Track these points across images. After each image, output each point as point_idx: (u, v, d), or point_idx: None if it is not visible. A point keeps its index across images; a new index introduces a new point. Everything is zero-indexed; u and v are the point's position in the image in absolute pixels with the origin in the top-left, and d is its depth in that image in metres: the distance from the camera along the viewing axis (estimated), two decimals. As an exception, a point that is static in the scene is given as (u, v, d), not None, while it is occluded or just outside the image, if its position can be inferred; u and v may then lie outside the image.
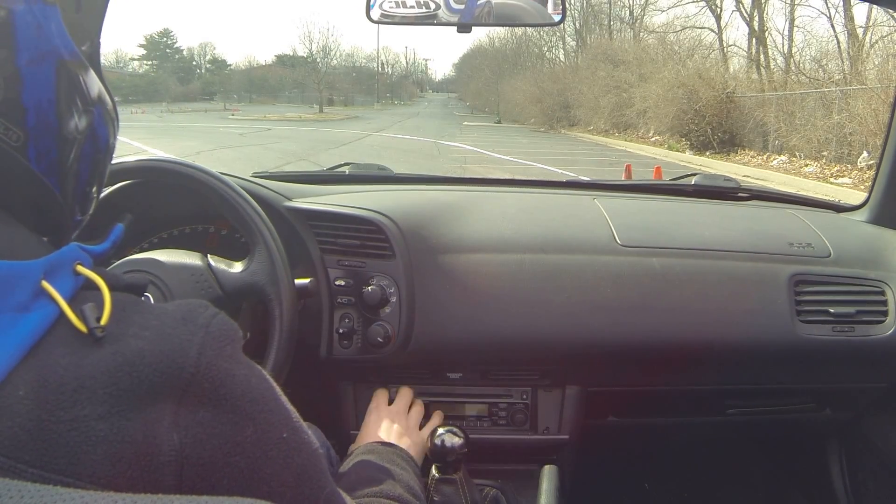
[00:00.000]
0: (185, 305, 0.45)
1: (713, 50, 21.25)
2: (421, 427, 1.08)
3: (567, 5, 1.19)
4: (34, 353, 0.38)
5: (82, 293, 0.42)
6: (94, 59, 0.52)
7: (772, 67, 17.73)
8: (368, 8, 1.16)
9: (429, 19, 1.14)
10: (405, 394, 1.13)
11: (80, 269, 0.43)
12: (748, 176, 10.52)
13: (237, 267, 0.95)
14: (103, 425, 0.37)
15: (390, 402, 1.12)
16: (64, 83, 0.46)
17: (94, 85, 0.50)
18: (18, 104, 0.43)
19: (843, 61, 13.71)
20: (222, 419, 0.42)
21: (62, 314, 0.40)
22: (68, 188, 0.48)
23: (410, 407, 1.11)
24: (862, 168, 10.00)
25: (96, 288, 0.43)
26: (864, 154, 10.18)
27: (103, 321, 0.40)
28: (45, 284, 0.40)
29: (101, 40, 0.55)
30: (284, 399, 0.47)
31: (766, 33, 18.63)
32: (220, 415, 0.41)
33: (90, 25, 0.54)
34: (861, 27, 14.55)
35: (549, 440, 1.23)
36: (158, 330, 0.42)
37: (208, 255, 0.96)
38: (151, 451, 0.38)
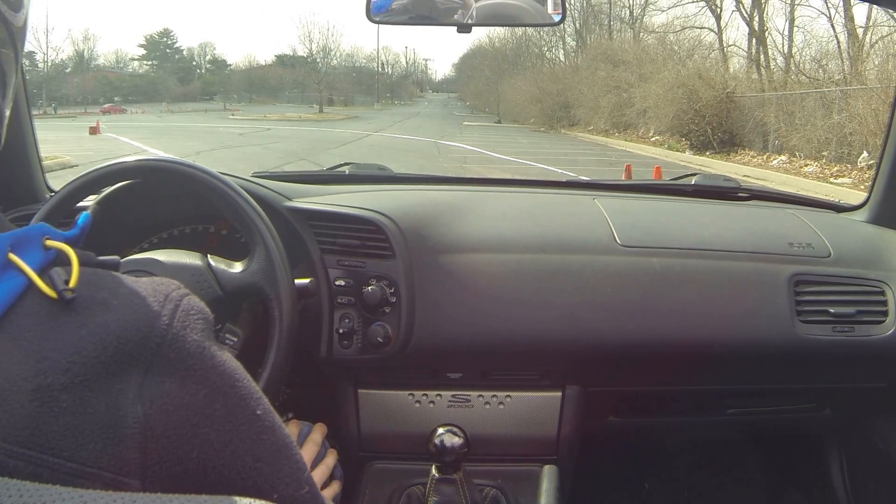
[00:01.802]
0: (157, 281, 0.44)
1: (713, 50, 21.29)
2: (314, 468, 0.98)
3: (567, 5, 1.19)
4: (1, 324, 0.38)
5: (52, 267, 0.42)
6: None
7: (772, 67, 17.75)
8: (369, 8, 1.16)
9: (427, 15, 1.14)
10: (292, 432, 1.02)
11: (50, 242, 0.43)
12: (748, 176, 10.52)
13: (237, 267, 0.95)
14: (66, 396, 0.37)
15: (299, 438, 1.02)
16: None
17: None
18: None
19: (843, 61, 13.73)
20: (190, 390, 0.41)
21: (31, 285, 0.40)
22: None
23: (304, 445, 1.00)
24: (862, 168, 10.00)
25: (67, 263, 0.42)
26: (864, 154, 10.18)
27: (72, 284, 0.40)
28: (13, 256, 0.40)
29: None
30: (255, 384, 0.47)
31: (766, 33, 18.66)
32: (188, 385, 0.41)
33: None
34: (861, 27, 14.58)
35: (547, 396, 1.22)
36: (127, 299, 0.41)
37: (208, 255, 0.96)
38: (114, 424, 0.38)
